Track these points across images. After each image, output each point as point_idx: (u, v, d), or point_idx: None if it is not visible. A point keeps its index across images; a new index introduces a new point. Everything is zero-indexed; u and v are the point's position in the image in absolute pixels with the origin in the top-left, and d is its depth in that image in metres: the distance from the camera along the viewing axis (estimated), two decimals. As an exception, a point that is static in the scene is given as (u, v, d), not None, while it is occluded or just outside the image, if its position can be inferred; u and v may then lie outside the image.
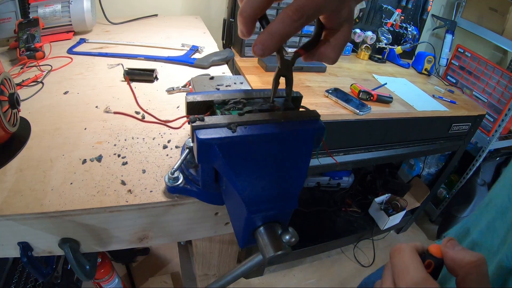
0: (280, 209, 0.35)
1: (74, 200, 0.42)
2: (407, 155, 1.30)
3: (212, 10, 1.42)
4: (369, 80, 1.29)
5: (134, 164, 0.49)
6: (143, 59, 0.85)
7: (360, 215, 1.74)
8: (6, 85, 0.48)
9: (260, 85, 1.06)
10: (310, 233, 1.57)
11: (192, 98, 0.39)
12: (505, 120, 1.43)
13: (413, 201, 1.76)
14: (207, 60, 0.85)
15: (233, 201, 0.37)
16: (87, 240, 0.45)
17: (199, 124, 0.33)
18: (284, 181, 0.35)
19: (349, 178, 1.83)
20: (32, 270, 0.46)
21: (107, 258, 1.03)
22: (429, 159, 1.83)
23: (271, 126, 0.34)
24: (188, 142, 0.45)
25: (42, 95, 0.64)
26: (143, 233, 0.47)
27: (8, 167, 0.46)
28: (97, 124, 0.57)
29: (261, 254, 0.34)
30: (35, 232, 0.42)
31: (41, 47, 0.79)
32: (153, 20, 1.20)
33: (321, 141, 0.37)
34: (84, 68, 0.77)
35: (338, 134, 1.07)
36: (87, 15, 0.93)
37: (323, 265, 1.66)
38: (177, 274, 1.33)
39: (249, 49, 1.21)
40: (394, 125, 1.16)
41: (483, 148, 1.54)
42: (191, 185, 0.43)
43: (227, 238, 0.65)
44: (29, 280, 0.87)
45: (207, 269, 0.73)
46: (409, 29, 1.54)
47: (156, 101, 0.66)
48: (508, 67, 1.75)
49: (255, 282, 1.53)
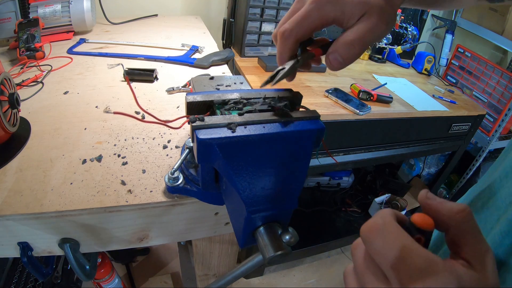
0: (280, 209, 0.35)
1: (74, 200, 0.42)
2: (407, 155, 1.30)
3: (212, 10, 1.42)
4: (369, 80, 1.29)
5: (134, 164, 0.49)
6: (143, 59, 0.85)
7: (360, 215, 1.74)
8: (6, 85, 0.48)
9: (260, 85, 1.06)
10: (310, 233, 1.57)
11: (192, 98, 0.39)
12: (505, 120, 1.43)
13: (413, 201, 1.76)
14: (207, 60, 0.85)
15: (233, 201, 0.37)
16: (87, 240, 0.45)
17: (199, 124, 0.33)
18: (284, 181, 0.35)
19: (349, 178, 1.83)
20: (32, 270, 0.46)
21: (107, 258, 1.03)
22: (429, 159, 1.83)
23: (271, 126, 0.34)
24: (188, 142, 0.45)
25: (42, 95, 0.64)
26: (143, 233, 0.47)
27: (8, 167, 0.46)
28: (97, 124, 0.57)
29: (261, 254, 0.34)
30: (35, 232, 0.42)
31: (41, 47, 0.79)
32: (153, 20, 1.20)
33: (321, 141, 0.37)
34: (84, 68, 0.77)
35: (338, 134, 1.07)
36: (87, 15, 0.93)
37: (323, 265, 1.66)
38: (177, 274, 1.33)
39: (249, 49, 1.21)
40: (394, 125, 1.16)
41: (483, 148, 1.54)
42: (191, 185, 0.43)
43: (227, 238, 0.65)
44: (29, 280, 0.87)
45: (207, 269, 0.73)
46: (409, 29, 1.54)
47: (156, 101, 0.66)
48: (508, 67, 1.75)
49: (255, 282, 1.52)
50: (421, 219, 0.23)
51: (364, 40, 0.30)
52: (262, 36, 1.20)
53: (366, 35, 0.30)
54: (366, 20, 0.30)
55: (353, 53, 0.31)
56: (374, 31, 0.30)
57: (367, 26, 0.30)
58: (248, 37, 1.18)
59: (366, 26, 0.30)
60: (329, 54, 0.31)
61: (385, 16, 0.30)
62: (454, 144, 1.40)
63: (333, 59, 0.31)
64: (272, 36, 0.35)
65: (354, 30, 0.30)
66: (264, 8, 1.13)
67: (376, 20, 0.30)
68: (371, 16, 0.30)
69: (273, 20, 1.17)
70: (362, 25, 0.30)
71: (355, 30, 0.30)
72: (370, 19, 0.30)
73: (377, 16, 0.30)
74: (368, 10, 0.30)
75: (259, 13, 1.14)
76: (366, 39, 0.30)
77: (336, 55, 0.31)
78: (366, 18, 0.30)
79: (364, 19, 0.30)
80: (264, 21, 1.16)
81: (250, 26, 1.15)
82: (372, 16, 0.30)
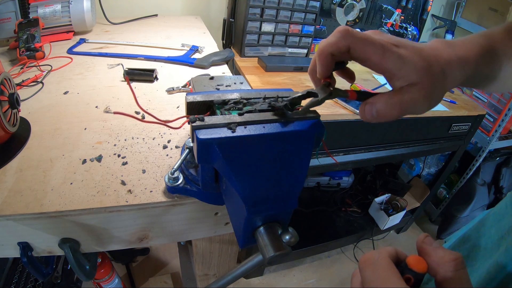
0: (280, 209, 0.35)
1: (74, 200, 0.42)
2: (407, 155, 1.29)
3: (212, 10, 1.42)
4: (369, 80, 1.29)
5: (134, 164, 0.49)
6: (143, 59, 0.85)
7: (360, 215, 1.74)
8: (6, 85, 0.48)
9: (260, 85, 1.06)
10: (310, 233, 1.57)
11: (192, 98, 0.39)
12: (505, 120, 1.43)
13: (413, 201, 1.76)
14: (207, 60, 0.85)
15: (233, 201, 0.37)
16: (87, 240, 0.45)
17: (199, 124, 0.33)
18: (284, 181, 0.35)
19: (349, 178, 1.83)
20: (32, 270, 0.46)
21: (107, 258, 1.03)
22: (429, 159, 1.83)
23: (271, 126, 0.34)
24: (188, 142, 0.45)
25: (42, 95, 0.64)
26: (143, 233, 0.47)
27: (8, 167, 0.46)
28: (97, 124, 0.57)
29: (261, 254, 0.34)
30: (35, 232, 0.42)
31: (41, 47, 0.79)
32: (153, 20, 1.20)
33: (321, 141, 0.38)
34: (84, 68, 0.77)
35: (338, 134, 1.07)
36: (87, 15, 0.93)
37: (323, 265, 1.66)
38: (177, 274, 1.33)
39: (249, 49, 1.21)
40: (394, 125, 1.16)
41: (483, 148, 1.54)
42: (191, 185, 0.43)
43: (227, 238, 0.65)
44: (29, 280, 0.87)
45: (207, 269, 0.73)
46: (409, 29, 1.54)
47: (156, 101, 0.66)
48: (508, 67, 1.75)
49: (255, 282, 1.52)
50: (415, 261, 0.25)
51: (406, 109, 0.29)
52: (262, 36, 1.20)
53: (410, 105, 0.29)
54: (417, 91, 0.28)
55: (390, 115, 0.30)
56: (418, 105, 0.29)
57: (415, 98, 0.29)
58: (248, 37, 1.18)
59: (414, 97, 0.29)
60: (367, 104, 0.31)
61: (434, 95, 0.29)
62: (454, 144, 1.40)
63: (368, 111, 0.30)
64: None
65: (402, 93, 0.29)
66: (264, 8, 1.13)
67: (424, 94, 0.29)
68: (423, 89, 0.28)
69: (273, 20, 1.17)
70: (411, 95, 0.29)
71: (403, 94, 0.29)
72: (421, 92, 0.28)
73: (429, 92, 0.29)
74: (424, 82, 0.28)
75: (259, 13, 1.14)
76: (409, 109, 0.29)
77: (373, 108, 0.30)
78: (418, 88, 0.28)
79: (415, 89, 0.29)
80: (264, 21, 1.16)
81: (250, 26, 1.15)
82: (423, 90, 0.28)
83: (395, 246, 1.50)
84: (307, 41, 1.27)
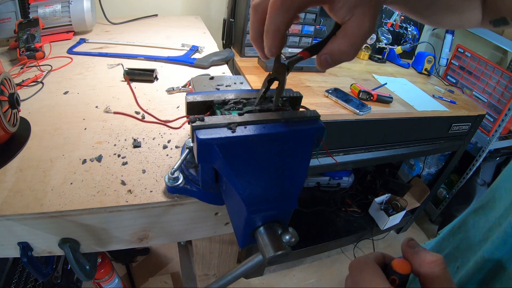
0: (280, 209, 0.34)
1: (74, 200, 0.42)
2: (407, 155, 1.29)
3: (212, 10, 1.42)
4: (369, 80, 1.29)
5: (134, 164, 0.49)
6: (143, 59, 0.85)
7: (360, 215, 1.74)
8: (6, 85, 0.48)
9: (260, 85, 1.06)
10: (310, 233, 1.57)
11: (192, 98, 0.39)
12: (505, 120, 1.43)
13: (413, 201, 1.76)
14: (207, 60, 0.85)
15: (233, 201, 0.37)
16: (87, 240, 0.45)
17: (199, 124, 0.33)
18: (284, 181, 0.35)
19: (349, 178, 1.83)
20: (32, 270, 0.46)
21: (107, 258, 1.03)
22: (429, 159, 1.83)
23: (271, 126, 0.34)
24: (188, 142, 0.45)
25: (42, 95, 0.64)
26: (143, 233, 0.47)
27: (8, 167, 0.46)
28: (97, 124, 0.57)
29: (261, 254, 0.34)
30: (35, 232, 0.42)
31: (41, 47, 0.79)
32: (153, 20, 1.20)
33: (321, 141, 0.37)
34: (84, 68, 0.77)
35: (338, 134, 1.07)
36: (87, 15, 0.93)
37: (323, 265, 1.66)
38: (177, 274, 1.33)
39: (249, 49, 1.21)
40: (394, 125, 1.16)
41: (483, 148, 1.54)
42: (191, 185, 0.43)
43: (227, 238, 0.65)
44: (29, 280, 0.87)
45: (207, 269, 0.73)
46: (409, 29, 1.54)
47: (156, 101, 0.66)
48: (508, 67, 1.75)
49: (255, 282, 1.52)
50: (399, 263, 0.27)
51: (357, 46, 0.28)
52: (262, 36, 1.20)
53: (358, 40, 0.27)
54: (361, 14, 0.26)
55: (345, 59, 0.29)
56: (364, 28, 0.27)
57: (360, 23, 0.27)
58: (248, 37, 1.18)
59: (359, 23, 0.27)
60: (321, 55, 0.29)
61: (377, 12, 0.27)
62: (454, 144, 1.40)
63: (323, 59, 0.29)
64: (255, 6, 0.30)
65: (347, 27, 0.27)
66: (264, 8, 1.13)
67: (370, 14, 0.26)
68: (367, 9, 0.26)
69: (273, 20, 1.17)
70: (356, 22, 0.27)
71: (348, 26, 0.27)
72: (365, 15, 0.26)
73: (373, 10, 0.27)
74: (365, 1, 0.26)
75: (259, 13, 1.14)
76: (359, 44, 0.28)
77: (326, 54, 0.29)
78: (362, 11, 0.26)
79: (359, 12, 0.26)
80: (264, 21, 1.16)
81: (250, 26, 1.15)
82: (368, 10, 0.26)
83: (395, 246, 1.51)
84: (307, 41, 1.27)
